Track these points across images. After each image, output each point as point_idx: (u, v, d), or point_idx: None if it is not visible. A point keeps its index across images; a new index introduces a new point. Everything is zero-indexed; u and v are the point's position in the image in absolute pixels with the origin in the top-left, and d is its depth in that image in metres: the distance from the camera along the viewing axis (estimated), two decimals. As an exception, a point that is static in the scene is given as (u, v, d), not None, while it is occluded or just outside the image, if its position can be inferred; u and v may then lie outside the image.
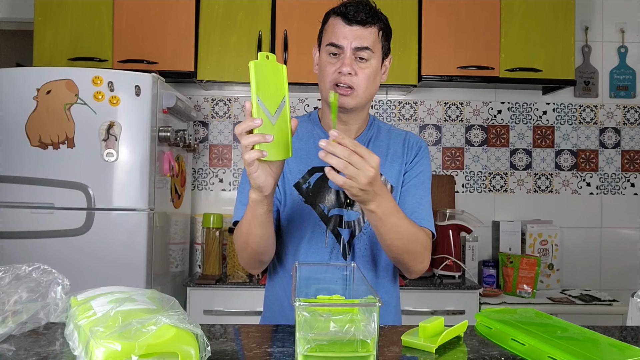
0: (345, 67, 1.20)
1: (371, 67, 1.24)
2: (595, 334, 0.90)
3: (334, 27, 1.23)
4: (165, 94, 2.23)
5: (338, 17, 1.23)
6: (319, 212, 1.27)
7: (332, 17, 1.25)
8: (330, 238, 1.27)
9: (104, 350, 0.69)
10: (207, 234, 2.45)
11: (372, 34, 1.23)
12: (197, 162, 2.84)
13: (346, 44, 1.21)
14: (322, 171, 1.27)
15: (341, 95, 1.22)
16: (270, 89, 0.99)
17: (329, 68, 1.23)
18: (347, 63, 1.20)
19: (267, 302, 1.38)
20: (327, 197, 1.27)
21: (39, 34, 2.46)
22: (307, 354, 0.76)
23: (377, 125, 1.37)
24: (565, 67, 2.58)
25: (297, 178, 1.29)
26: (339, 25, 1.22)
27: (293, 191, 1.28)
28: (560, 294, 2.62)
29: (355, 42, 1.21)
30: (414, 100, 2.89)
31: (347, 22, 1.21)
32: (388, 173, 1.31)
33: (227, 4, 2.52)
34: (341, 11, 1.22)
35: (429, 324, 0.91)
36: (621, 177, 2.93)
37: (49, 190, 2.05)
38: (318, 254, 1.27)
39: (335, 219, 1.27)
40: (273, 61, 1.00)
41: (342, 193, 1.27)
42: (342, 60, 1.21)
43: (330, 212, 1.27)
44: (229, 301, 2.31)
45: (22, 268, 0.92)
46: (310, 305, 0.78)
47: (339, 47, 1.22)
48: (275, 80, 1.00)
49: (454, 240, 2.58)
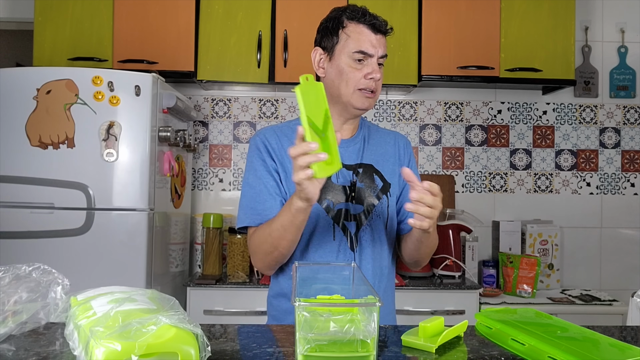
0: (375, 74, 1.29)
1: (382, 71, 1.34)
2: (595, 334, 0.90)
3: (360, 35, 1.29)
4: (165, 94, 2.23)
5: (363, 26, 1.29)
6: (325, 207, 1.30)
7: (354, 23, 1.30)
8: (337, 231, 1.31)
9: (104, 350, 0.69)
10: (207, 234, 2.45)
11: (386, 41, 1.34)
12: (197, 162, 2.84)
13: (375, 53, 1.29)
14: None
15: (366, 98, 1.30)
16: (315, 108, 1.03)
17: (356, 74, 1.29)
18: (377, 70, 1.29)
19: (272, 301, 1.38)
20: (332, 192, 1.31)
21: (39, 34, 2.46)
22: (307, 354, 0.76)
23: (366, 124, 1.45)
24: (565, 67, 2.58)
25: None
26: (366, 33, 1.29)
27: None
28: (560, 294, 2.62)
29: (381, 50, 1.30)
30: (414, 100, 2.89)
31: (374, 31, 1.29)
32: (384, 170, 1.38)
33: (227, 4, 2.52)
34: (367, 20, 1.30)
35: (429, 324, 0.91)
36: (621, 177, 2.93)
37: (49, 190, 2.05)
38: (326, 247, 1.30)
39: (341, 212, 1.31)
40: (312, 81, 1.04)
41: (347, 187, 1.32)
42: (371, 67, 1.29)
43: (336, 206, 1.31)
44: (229, 301, 2.31)
45: (22, 268, 0.92)
46: (310, 305, 0.78)
47: (370, 55, 1.29)
48: (316, 98, 1.05)
49: (454, 240, 2.58)
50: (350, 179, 1.33)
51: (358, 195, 1.32)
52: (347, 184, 1.32)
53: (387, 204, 1.35)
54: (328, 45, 1.33)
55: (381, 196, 1.35)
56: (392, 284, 1.42)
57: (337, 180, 1.32)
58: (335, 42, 1.31)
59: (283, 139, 1.34)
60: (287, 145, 1.33)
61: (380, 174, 1.36)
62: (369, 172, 1.35)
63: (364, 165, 1.36)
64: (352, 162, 1.35)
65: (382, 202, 1.35)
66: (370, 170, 1.36)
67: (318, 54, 1.35)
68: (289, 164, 1.31)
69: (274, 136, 1.35)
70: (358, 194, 1.32)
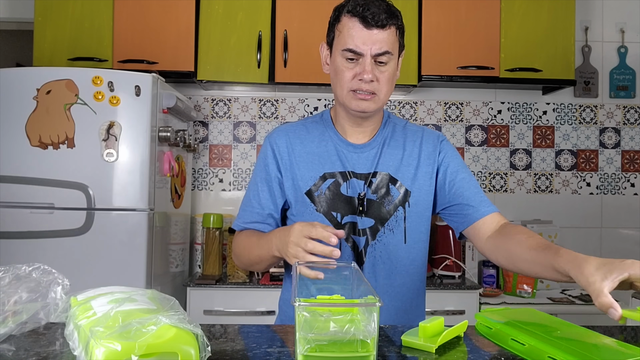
0: (366, 75, 1.14)
1: (390, 70, 1.19)
2: (595, 334, 0.90)
3: (350, 30, 1.14)
4: (165, 94, 2.23)
5: (354, 19, 1.14)
6: (332, 220, 1.23)
7: (347, 16, 1.16)
8: (344, 246, 1.23)
9: (104, 350, 0.69)
10: (207, 234, 2.45)
11: (390, 34, 1.15)
12: (197, 162, 2.84)
13: (366, 51, 1.14)
14: (333, 177, 1.24)
15: (361, 100, 1.18)
16: None
17: (347, 74, 1.17)
18: (368, 70, 1.14)
19: (282, 306, 1.36)
20: (340, 204, 1.23)
21: (39, 34, 2.46)
22: (307, 354, 0.76)
23: (392, 122, 1.32)
24: (565, 67, 2.58)
25: (309, 185, 1.25)
26: (357, 28, 1.14)
27: (305, 199, 1.25)
28: (560, 294, 2.62)
29: (375, 47, 1.14)
30: (414, 100, 2.89)
31: (365, 25, 1.13)
32: (403, 177, 1.26)
33: (227, 4, 2.52)
34: (358, 12, 1.13)
35: (429, 324, 0.91)
36: (621, 177, 2.93)
37: (49, 190, 2.05)
38: None
39: (349, 226, 1.23)
40: None
41: (356, 199, 1.23)
42: (362, 67, 1.15)
43: (344, 219, 1.23)
44: (229, 301, 2.31)
45: (22, 268, 0.92)
46: (310, 305, 0.78)
47: (360, 54, 1.15)
48: None
49: (454, 240, 2.58)
50: (359, 191, 1.23)
51: (369, 209, 1.22)
52: (355, 195, 1.23)
53: (404, 216, 1.24)
54: (329, 41, 1.23)
55: (397, 208, 1.24)
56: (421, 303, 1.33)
57: (347, 191, 1.23)
58: (332, 38, 1.21)
59: (294, 141, 1.28)
60: (297, 146, 1.27)
61: (399, 183, 1.25)
62: (384, 182, 1.24)
63: (379, 174, 1.25)
64: (365, 171, 1.25)
65: (397, 215, 1.24)
66: (386, 179, 1.24)
67: (324, 50, 1.25)
68: (296, 168, 1.26)
69: (284, 138, 1.28)
70: (369, 206, 1.22)
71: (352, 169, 1.25)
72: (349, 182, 1.23)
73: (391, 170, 1.26)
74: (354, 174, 1.24)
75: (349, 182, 1.23)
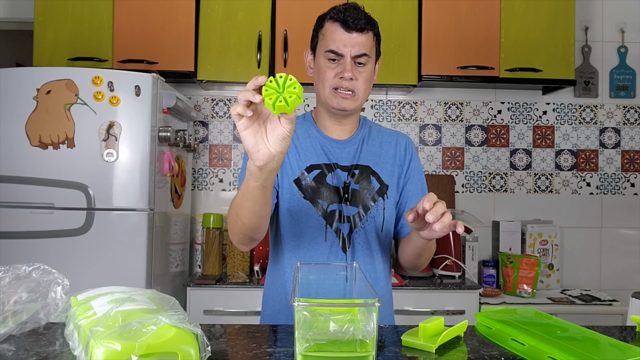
0: (347, 73, 1.26)
1: (368, 71, 1.30)
2: (595, 334, 0.90)
3: (332, 33, 1.27)
4: (165, 94, 2.23)
5: (336, 24, 1.27)
6: (318, 208, 1.30)
7: (329, 22, 1.29)
8: (329, 233, 1.30)
9: (104, 350, 0.69)
10: (207, 234, 2.45)
11: (368, 39, 1.28)
12: (197, 162, 2.84)
13: (347, 52, 1.26)
14: (319, 168, 1.32)
15: (342, 98, 1.28)
16: None
17: (329, 73, 1.28)
18: (349, 69, 1.26)
19: (267, 300, 1.39)
20: (326, 193, 1.31)
21: (39, 34, 2.46)
22: (306, 354, 0.76)
23: (367, 124, 1.43)
24: (565, 67, 2.58)
25: (297, 174, 1.32)
26: (338, 32, 1.26)
27: (293, 187, 1.31)
28: (560, 294, 2.62)
29: (355, 49, 1.26)
30: (414, 100, 2.89)
31: (346, 29, 1.26)
32: (382, 172, 1.36)
33: (227, 4, 2.52)
34: (340, 18, 1.26)
35: (429, 324, 0.91)
36: (621, 177, 2.93)
37: (49, 190, 2.05)
38: (318, 248, 1.29)
39: (334, 214, 1.30)
40: None
41: (341, 189, 1.31)
42: (343, 66, 1.26)
43: (329, 207, 1.30)
44: (229, 301, 2.31)
45: (22, 268, 0.92)
46: (310, 305, 0.78)
47: (340, 54, 1.27)
48: None
49: (454, 240, 2.58)
50: (344, 180, 1.32)
51: (353, 197, 1.31)
52: (341, 185, 1.31)
53: (384, 207, 1.34)
54: (312, 46, 1.36)
55: (377, 198, 1.33)
56: (389, 287, 1.41)
57: (332, 181, 1.31)
58: (316, 43, 1.34)
59: None
60: None
61: (378, 176, 1.35)
62: (365, 174, 1.34)
63: (360, 166, 1.34)
64: (348, 163, 1.34)
65: (377, 204, 1.33)
66: (367, 171, 1.34)
67: (308, 55, 1.38)
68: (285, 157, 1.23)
69: None
70: (353, 195, 1.31)
71: (336, 161, 1.34)
72: (334, 172, 1.32)
73: (371, 164, 1.36)
74: (338, 166, 1.33)
75: (334, 172, 1.32)
